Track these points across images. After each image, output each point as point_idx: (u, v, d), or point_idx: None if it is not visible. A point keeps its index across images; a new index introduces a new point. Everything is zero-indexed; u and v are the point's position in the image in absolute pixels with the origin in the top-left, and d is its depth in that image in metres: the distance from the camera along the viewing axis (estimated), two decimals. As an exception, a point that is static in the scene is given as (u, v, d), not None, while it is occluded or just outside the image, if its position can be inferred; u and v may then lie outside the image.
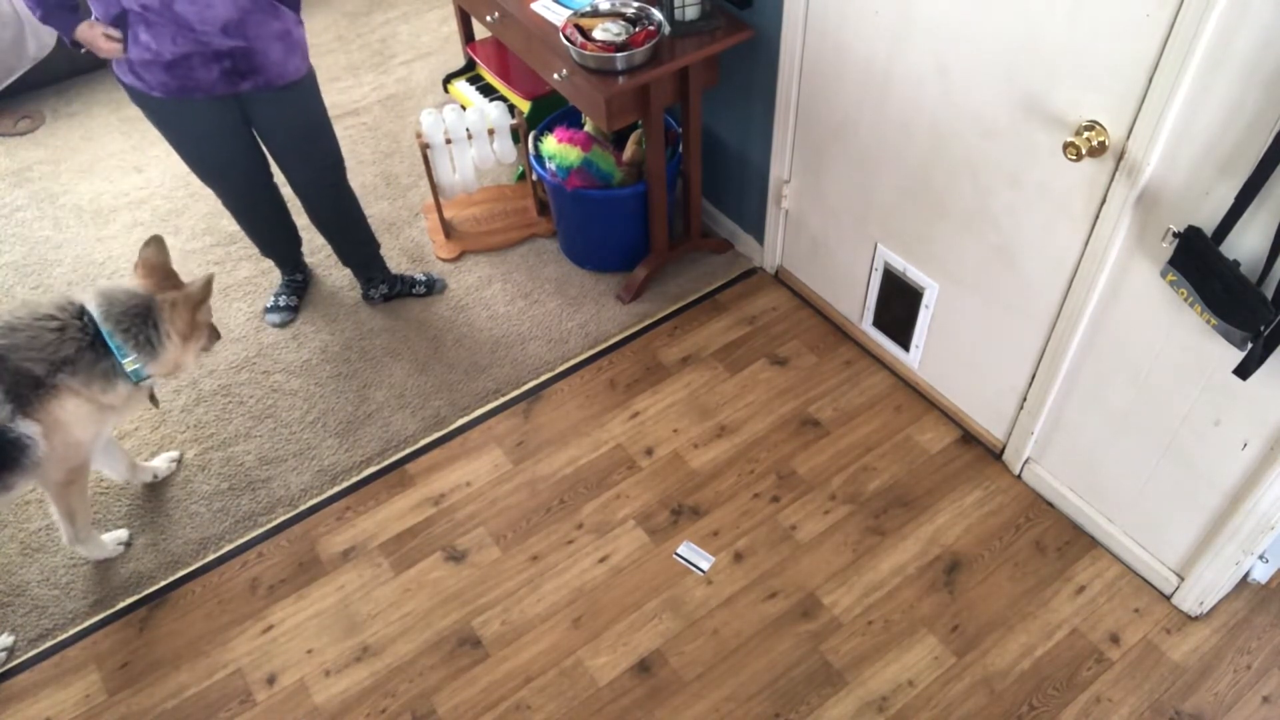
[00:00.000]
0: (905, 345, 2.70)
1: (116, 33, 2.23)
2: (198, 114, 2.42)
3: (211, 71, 2.29)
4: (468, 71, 3.54)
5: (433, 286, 3.10)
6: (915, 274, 2.52)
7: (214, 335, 2.38)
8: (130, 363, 2.09)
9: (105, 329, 2.06)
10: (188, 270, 3.22)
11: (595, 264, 3.16)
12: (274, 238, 2.95)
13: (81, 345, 2.03)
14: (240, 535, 2.51)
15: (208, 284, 2.18)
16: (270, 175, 2.72)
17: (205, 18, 2.19)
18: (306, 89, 2.48)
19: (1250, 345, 1.69)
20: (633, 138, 2.96)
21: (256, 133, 2.55)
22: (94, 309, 2.06)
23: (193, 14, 2.18)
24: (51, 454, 2.08)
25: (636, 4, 2.60)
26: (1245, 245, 1.69)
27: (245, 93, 2.39)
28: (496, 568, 2.41)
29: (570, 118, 3.11)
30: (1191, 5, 1.59)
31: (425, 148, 3.04)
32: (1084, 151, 1.83)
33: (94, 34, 2.22)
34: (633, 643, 2.25)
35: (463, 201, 3.40)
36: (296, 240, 3.04)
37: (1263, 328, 1.65)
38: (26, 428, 2.01)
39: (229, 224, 3.38)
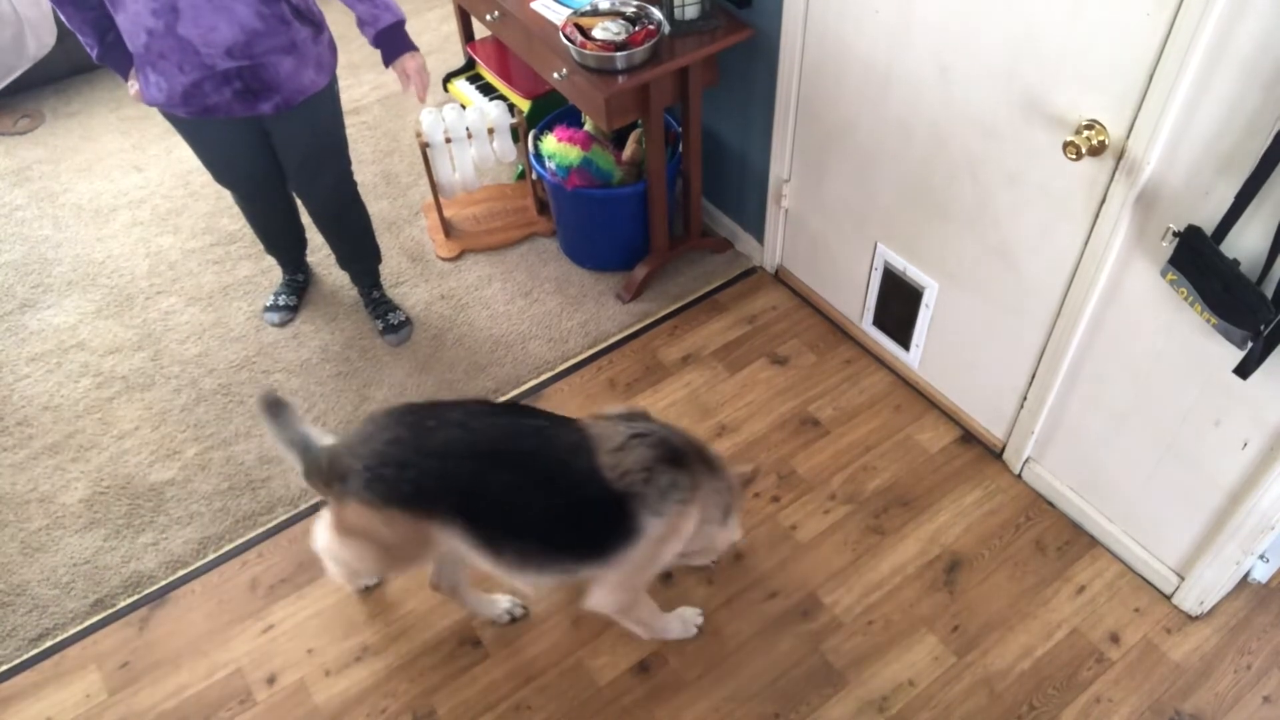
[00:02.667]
0: (905, 345, 2.70)
1: (134, 85, 2.33)
2: (220, 130, 2.43)
3: (224, 94, 2.28)
4: (468, 70, 3.54)
5: (396, 330, 2.95)
6: (915, 273, 2.52)
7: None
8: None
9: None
10: (188, 269, 3.22)
11: (595, 263, 3.16)
12: (281, 239, 2.96)
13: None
14: (240, 535, 2.51)
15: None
16: (286, 182, 2.72)
17: (209, 40, 2.17)
18: (323, 105, 2.45)
19: (1250, 345, 1.69)
20: (633, 137, 2.96)
21: (273, 145, 2.54)
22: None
23: (196, 36, 2.16)
24: (634, 563, 1.88)
25: (636, 3, 2.60)
26: (1245, 244, 1.69)
27: (266, 115, 2.38)
28: (496, 567, 2.41)
29: (570, 117, 3.11)
30: (1191, 5, 1.58)
31: (425, 147, 3.04)
32: (1084, 151, 1.83)
33: (130, 83, 2.36)
34: (633, 642, 2.25)
35: (463, 201, 3.39)
36: (302, 242, 3.05)
37: (1263, 327, 1.65)
38: (649, 519, 1.82)
39: (229, 223, 3.38)
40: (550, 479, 1.82)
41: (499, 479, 1.79)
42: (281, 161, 2.57)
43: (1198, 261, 1.71)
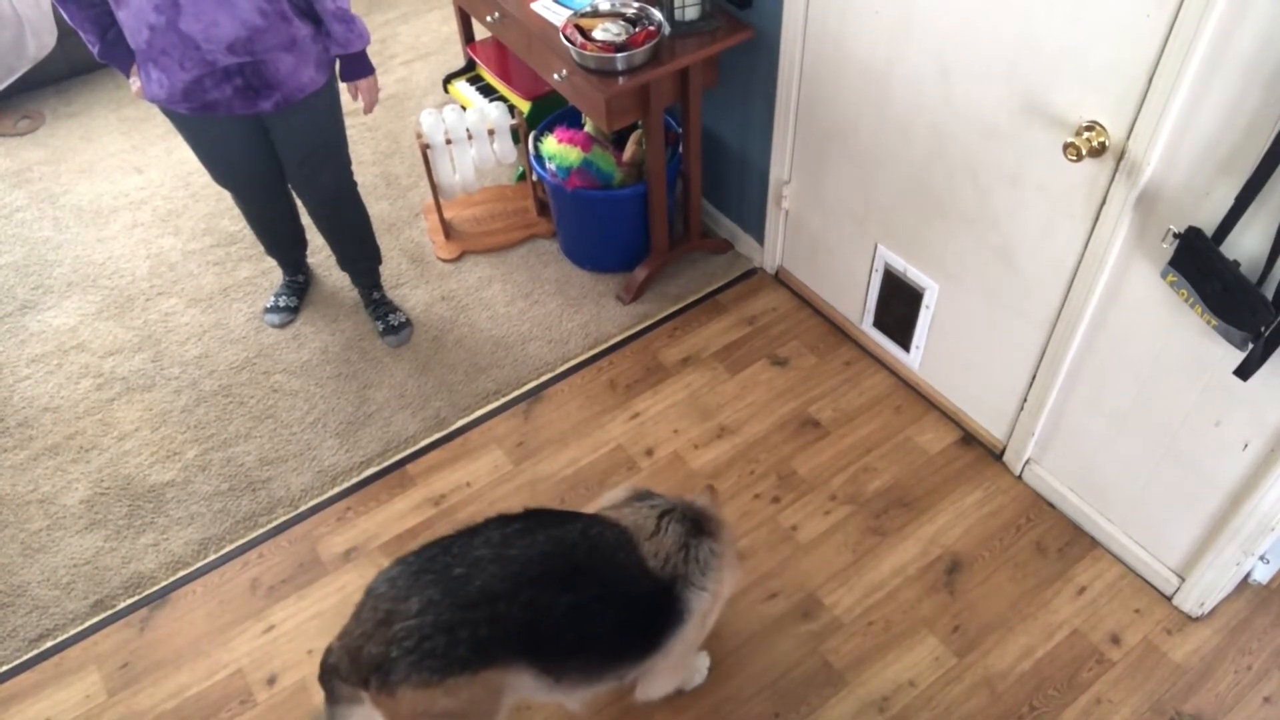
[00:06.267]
0: (905, 346, 2.70)
1: (136, 82, 2.34)
2: (221, 129, 2.43)
3: (224, 91, 2.29)
4: (468, 71, 3.54)
5: (396, 331, 2.95)
6: (915, 274, 2.52)
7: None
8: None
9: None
10: (188, 270, 3.22)
11: (595, 264, 3.16)
12: (282, 240, 2.96)
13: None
14: (241, 535, 2.51)
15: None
16: (285, 183, 2.72)
17: (211, 35, 2.18)
18: (323, 102, 2.47)
19: (1250, 346, 1.69)
20: (633, 138, 2.96)
21: (273, 142, 2.54)
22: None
23: (198, 31, 2.17)
24: (686, 643, 1.82)
25: (636, 4, 2.60)
26: (1245, 246, 1.69)
27: (266, 112, 2.38)
28: (497, 568, 2.40)
29: (570, 118, 3.11)
30: (1191, 5, 1.58)
31: (425, 148, 3.04)
32: (1084, 152, 1.83)
33: (132, 79, 2.37)
34: (633, 643, 2.25)
35: (463, 202, 3.40)
36: (303, 244, 3.05)
37: (1263, 328, 1.65)
38: (696, 596, 1.78)
39: (229, 224, 3.38)
40: (610, 586, 1.71)
41: (560, 602, 1.66)
42: (281, 159, 2.57)
43: (1198, 263, 1.71)
